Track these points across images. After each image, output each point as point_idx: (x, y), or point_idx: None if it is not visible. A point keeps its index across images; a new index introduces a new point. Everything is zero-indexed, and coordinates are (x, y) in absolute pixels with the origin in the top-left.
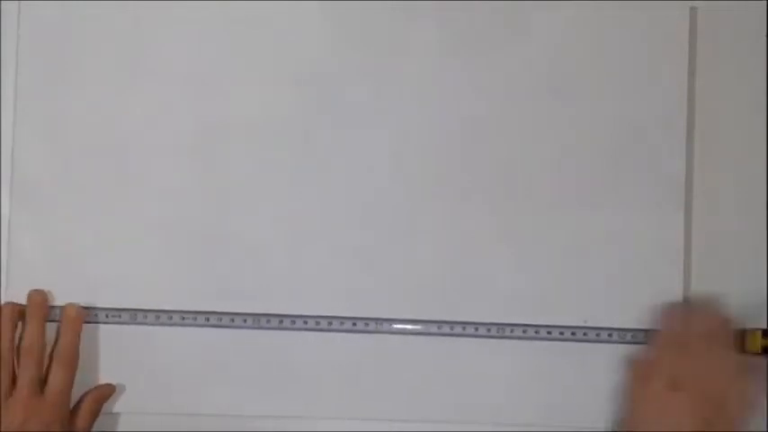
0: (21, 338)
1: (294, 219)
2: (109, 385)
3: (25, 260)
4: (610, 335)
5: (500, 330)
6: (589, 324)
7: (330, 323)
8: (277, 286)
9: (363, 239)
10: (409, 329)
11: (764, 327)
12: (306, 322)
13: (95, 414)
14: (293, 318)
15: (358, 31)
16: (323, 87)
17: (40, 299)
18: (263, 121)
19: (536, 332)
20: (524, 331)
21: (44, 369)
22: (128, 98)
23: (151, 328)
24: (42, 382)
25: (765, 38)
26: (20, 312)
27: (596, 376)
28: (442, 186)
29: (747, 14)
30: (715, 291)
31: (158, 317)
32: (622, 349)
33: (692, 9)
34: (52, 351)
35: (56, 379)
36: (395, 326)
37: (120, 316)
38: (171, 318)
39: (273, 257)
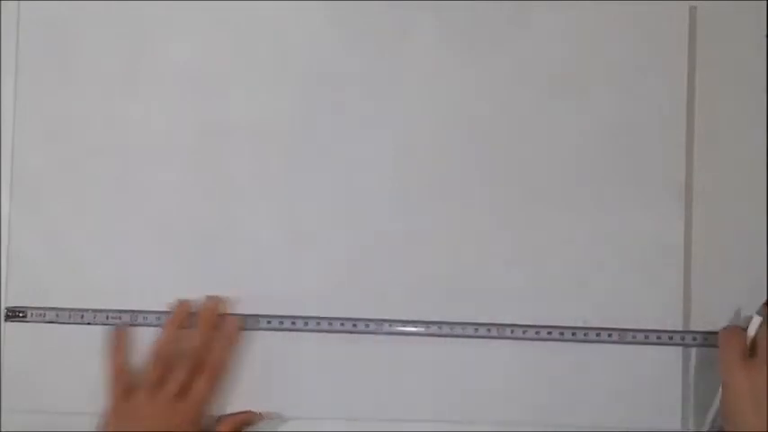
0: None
1: (294, 219)
2: (258, 413)
3: (25, 260)
4: (609, 335)
5: (500, 331)
6: (589, 324)
7: (330, 324)
8: (277, 287)
9: (363, 240)
10: (409, 330)
11: None
12: (306, 323)
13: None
14: (293, 318)
15: (359, 31)
16: (323, 87)
17: (213, 306)
18: (263, 121)
19: (536, 333)
20: (524, 332)
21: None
22: (128, 98)
23: (153, 329)
24: (187, 388)
25: (765, 38)
26: (190, 315)
27: (596, 376)
28: (442, 186)
29: (747, 14)
30: (715, 291)
31: (159, 318)
32: (622, 349)
33: (692, 9)
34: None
35: (200, 387)
36: (395, 327)
37: (120, 317)
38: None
39: (273, 258)
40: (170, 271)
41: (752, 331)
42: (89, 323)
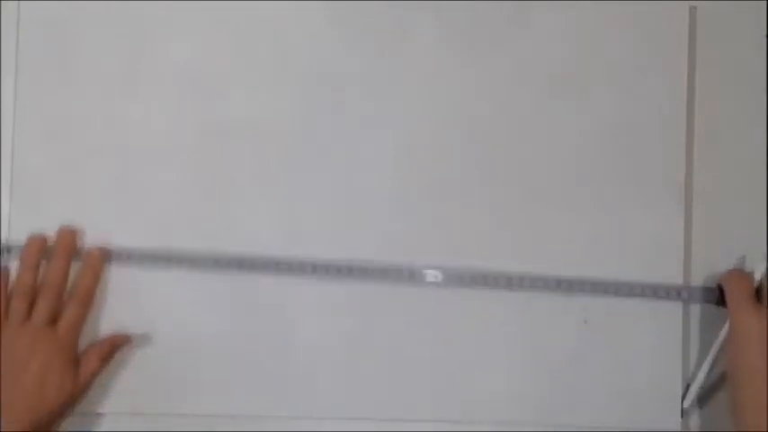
0: (44, 273)
1: (293, 221)
2: (125, 335)
3: None
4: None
5: (507, 282)
6: (589, 325)
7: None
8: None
9: (364, 240)
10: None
11: None
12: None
13: (105, 358)
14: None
15: (359, 31)
16: (324, 87)
17: (69, 237)
18: (263, 121)
19: (543, 283)
20: (529, 283)
21: (61, 306)
22: (128, 98)
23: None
24: (57, 317)
25: (765, 38)
26: (45, 247)
27: (596, 377)
28: (441, 186)
29: (747, 14)
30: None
31: None
32: (622, 350)
33: (692, 9)
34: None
35: (69, 314)
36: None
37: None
38: None
39: (273, 259)
40: (170, 271)
41: (758, 276)
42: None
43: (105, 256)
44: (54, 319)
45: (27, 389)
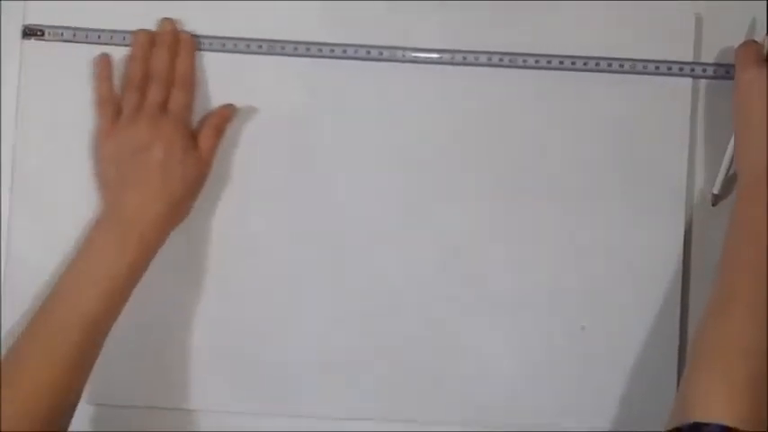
0: (151, 64)
1: (294, 219)
2: (231, 105)
3: (25, 260)
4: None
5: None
6: (587, 328)
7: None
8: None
9: (363, 241)
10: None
11: None
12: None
13: (219, 130)
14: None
15: (359, 30)
16: (324, 87)
17: (171, 27)
18: (264, 120)
19: (548, 62)
20: (536, 61)
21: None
22: None
23: None
24: (166, 104)
25: (765, 34)
26: (152, 39)
27: (597, 378)
28: (441, 187)
29: (747, 14)
30: None
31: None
32: (622, 352)
33: (697, 16)
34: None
35: (177, 99)
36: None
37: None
38: None
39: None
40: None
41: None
42: None
43: (194, 39)
44: (164, 106)
45: (154, 170)
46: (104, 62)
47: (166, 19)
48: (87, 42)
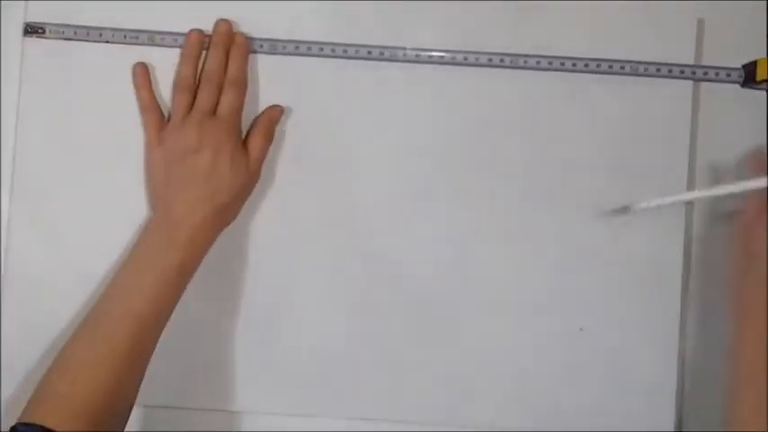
0: (203, 65)
1: (294, 219)
2: (279, 107)
3: (25, 260)
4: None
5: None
6: (585, 331)
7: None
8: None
9: (363, 241)
10: None
11: None
12: (309, 48)
13: (268, 133)
14: (296, 43)
15: (359, 30)
16: (324, 87)
17: (226, 28)
18: None
19: (549, 63)
20: (538, 62)
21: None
22: (129, 98)
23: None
24: (216, 107)
25: (765, 38)
26: (204, 40)
27: (596, 379)
28: (441, 187)
29: (748, 17)
30: (715, 291)
31: (176, 39)
32: (622, 353)
33: (699, 19)
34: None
35: (227, 100)
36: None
37: (137, 37)
38: None
39: (273, 260)
40: None
41: None
42: None
43: (249, 42)
44: (214, 109)
45: (202, 175)
46: (142, 70)
47: (222, 20)
48: (88, 40)
